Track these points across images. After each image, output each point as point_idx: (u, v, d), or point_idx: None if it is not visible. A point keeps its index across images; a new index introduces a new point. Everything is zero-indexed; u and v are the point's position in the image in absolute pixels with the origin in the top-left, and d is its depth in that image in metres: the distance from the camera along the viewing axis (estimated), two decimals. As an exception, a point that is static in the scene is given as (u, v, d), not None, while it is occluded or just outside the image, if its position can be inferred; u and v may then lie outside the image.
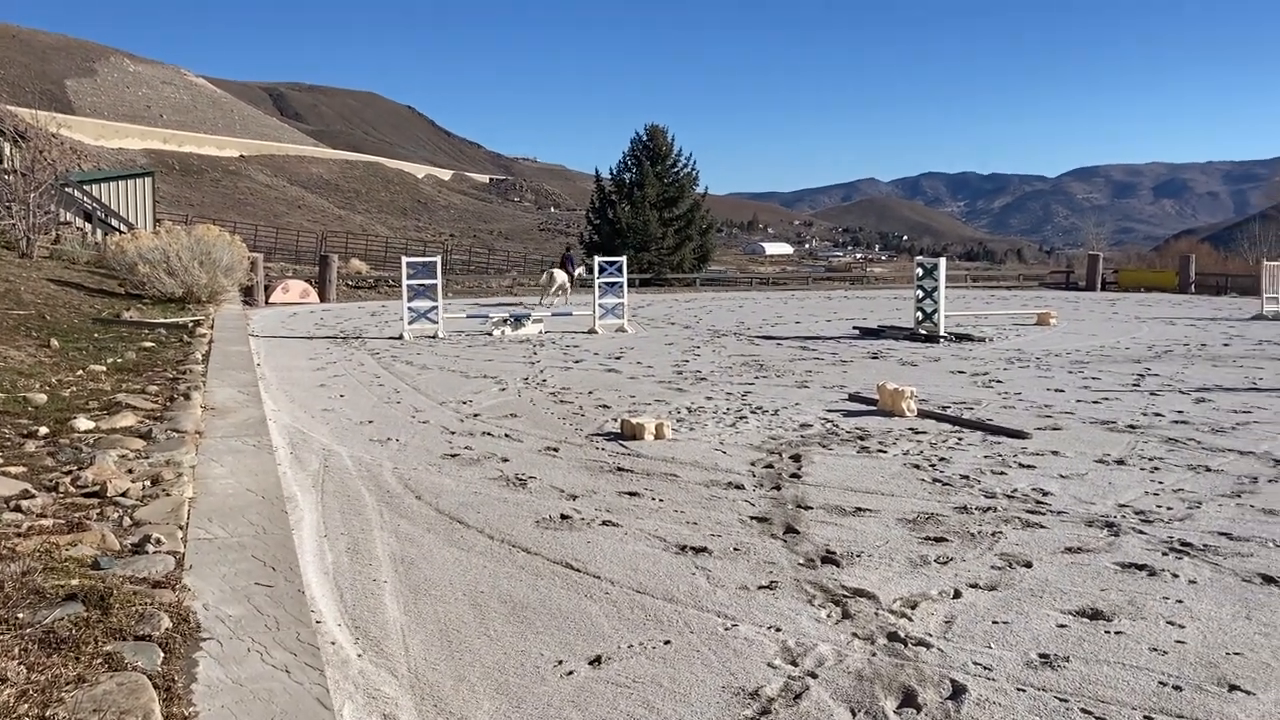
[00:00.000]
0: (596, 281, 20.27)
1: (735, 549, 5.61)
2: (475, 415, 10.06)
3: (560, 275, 27.79)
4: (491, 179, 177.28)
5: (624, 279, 20.57)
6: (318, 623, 4.43)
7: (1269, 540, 5.75)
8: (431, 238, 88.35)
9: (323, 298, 29.79)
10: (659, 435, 8.71)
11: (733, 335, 19.19)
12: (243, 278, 25.11)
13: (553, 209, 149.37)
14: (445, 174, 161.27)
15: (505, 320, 19.45)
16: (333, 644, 4.25)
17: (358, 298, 31.99)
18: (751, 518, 6.24)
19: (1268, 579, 5.09)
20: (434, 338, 18.24)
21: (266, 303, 27.62)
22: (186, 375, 11.01)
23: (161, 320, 17.15)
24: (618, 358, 15.24)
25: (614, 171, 48.03)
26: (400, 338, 18.14)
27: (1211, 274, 42.46)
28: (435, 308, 18.89)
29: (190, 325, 16.75)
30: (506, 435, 9.00)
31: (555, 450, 8.33)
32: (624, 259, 21.35)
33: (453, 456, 8.07)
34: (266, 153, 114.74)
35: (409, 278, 19.08)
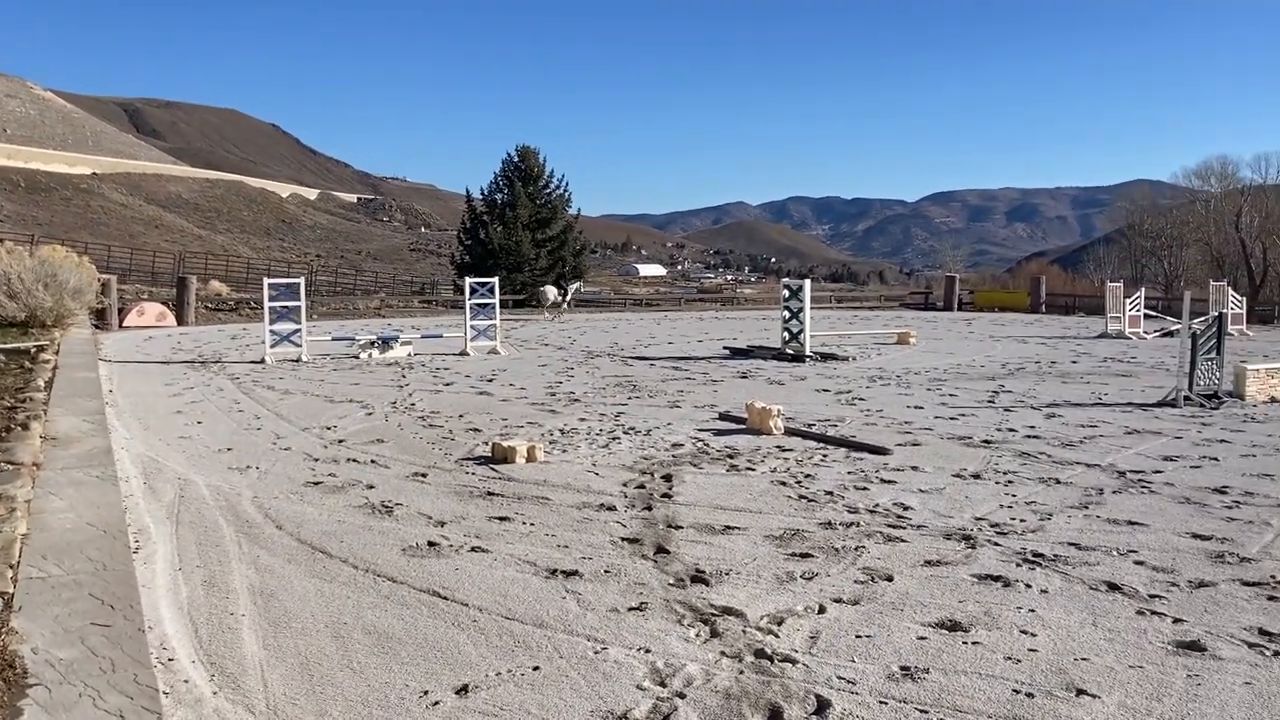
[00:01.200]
0: (468, 303, 20.06)
1: (606, 571, 5.59)
2: (340, 441, 9.82)
3: (552, 291, 29.13)
4: (360, 198, 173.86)
5: (496, 300, 20.42)
6: (170, 660, 4.24)
7: (1113, 549, 6.04)
8: (296, 258, 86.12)
9: (180, 321, 28.70)
10: (531, 458, 8.65)
11: (606, 356, 19.24)
12: (94, 301, 24.03)
13: (423, 229, 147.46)
14: (311, 193, 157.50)
15: (373, 342, 19.06)
16: (186, 682, 4.07)
17: (218, 321, 30.94)
18: (623, 539, 6.24)
19: (1112, 586, 5.33)
20: (298, 361, 17.75)
21: (120, 326, 26.47)
22: (25, 404, 10.43)
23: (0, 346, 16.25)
24: (490, 380, 15.11)
25: (485, 192, 47.70)
26: (262, 362, 17.59)
27: (1061, 294, 44.62)
28: (299, 330, 18.39)
29: (33, 351, 15.91)
30: (373, 461, 8.81)
31: (423, 476, 8.19)
32: (496, 280, 21.20)
33: (316, 484, 7.85)
34: (121, 170, 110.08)
35: (271, 300, 18.52)
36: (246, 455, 9.00)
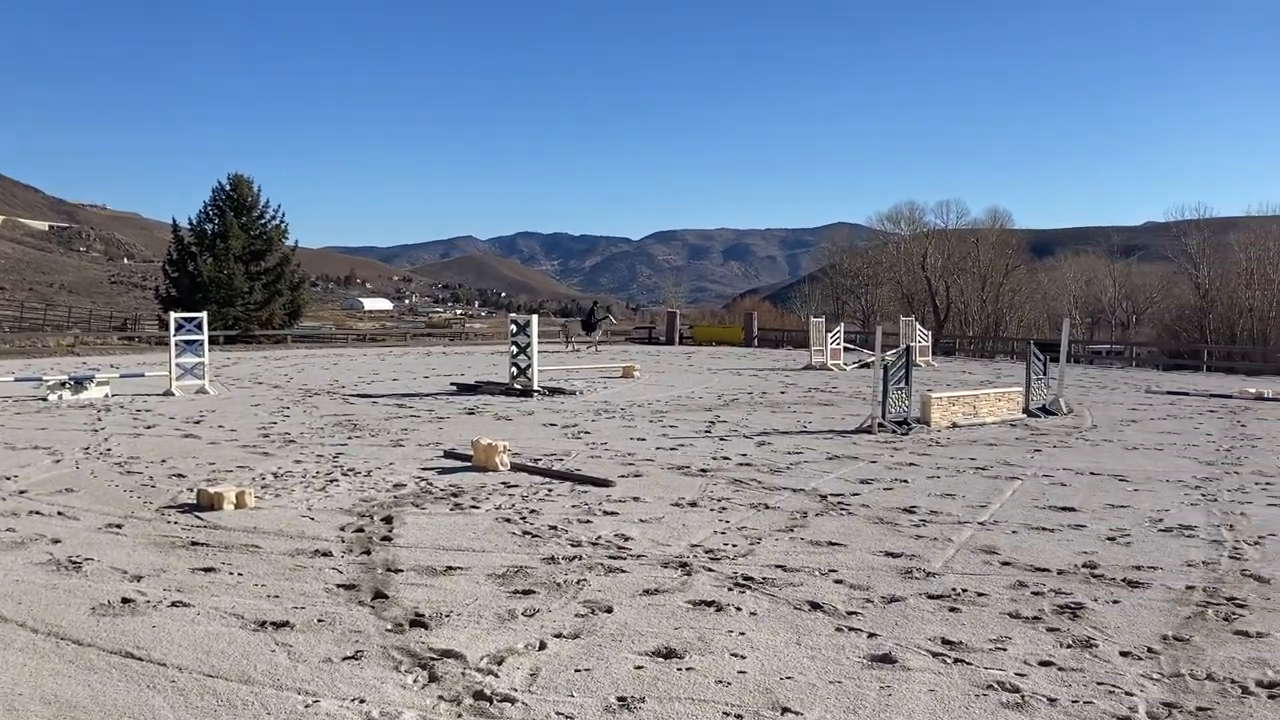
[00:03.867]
0: (173, 339, 18.82)
1: (320, 620, 5.37)
2: (21, 492, 8.92)
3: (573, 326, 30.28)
4: (52, 226, 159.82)
5: (205, 336, 19.27)
6: None
7: (815, 569, 6.42)
8: (-26, 291, 77.94)
9: None
10: (240, 504, 8.19)
11: (326, 394, 18.57)
12: None
13: (126, 260, 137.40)
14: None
15: (64, 383, 17.49)
16: None
17: (-124, 360, 27.46)
18: (339, 585, 6.01)
19: (814, 605, 5.66)
20: (-26, 405, 16.02)
21: None
22: None
23: None
24: (197, 421, 14.21)
25: (194, 222, 45.07)
26: (-70, 406, 15.75)
27: (771, 329, 47.29)
28: (-24, 371, 16.61)
29: None
30: (60, 513, 8.06)
31: (119, 527, 7.57)
32: (204, 315, 20.03)
33: (-9, 541, 7.08)
34: None
35: (-58, 337, 16.65)
36: (-95, 512, 8.01)
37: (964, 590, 6.01)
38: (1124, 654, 4.95)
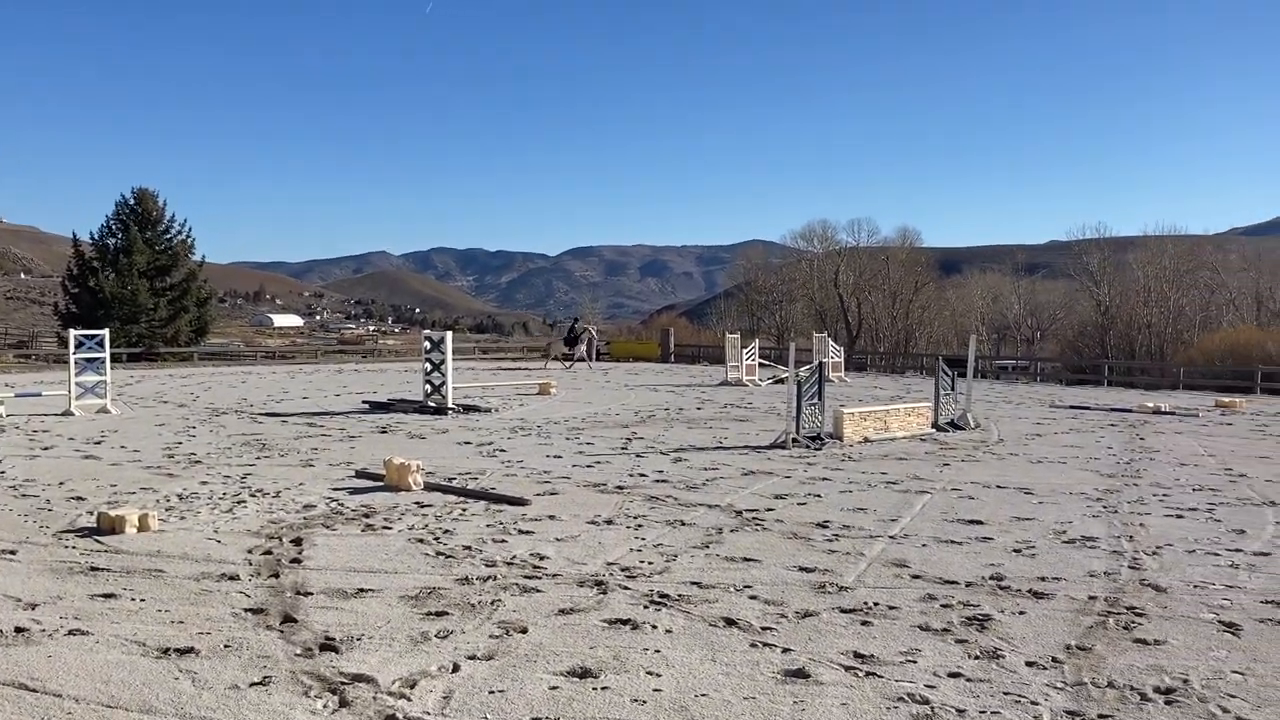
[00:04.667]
0: (72, 357, 18.21)
1: (226, 646, 5.22)
2: (-92, 518, 8.54)
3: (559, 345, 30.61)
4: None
5: (107, 354, 18.69)
6: None
7: (730, 585, 6.46)
8: None
9: None
10: (143, 527, 7.95)
11: (234, 413, 18.14)
12: None
13: (23, 275, 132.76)
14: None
15: (-45, 403, 16.81)
16: None
17: None
18: (246, 610, 5.87)
19: (729, 621, 5.69)
20: None
21: None
22: None
23: None
24: (98, 442, 13.76)
25: (96, 237, 43.78)
26: None
27: (688, 345, 47.57)
28: None
29: None
30: (-50, 539, 7.72)
31: (12, 553, 7.28)
32: (106, 332, 19.43)
33: (-126, 570, 6.76)
34: None
35: None
36: None
37: (875, 604, 6.10)
38: (1030, 664, 5.07)
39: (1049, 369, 44.10)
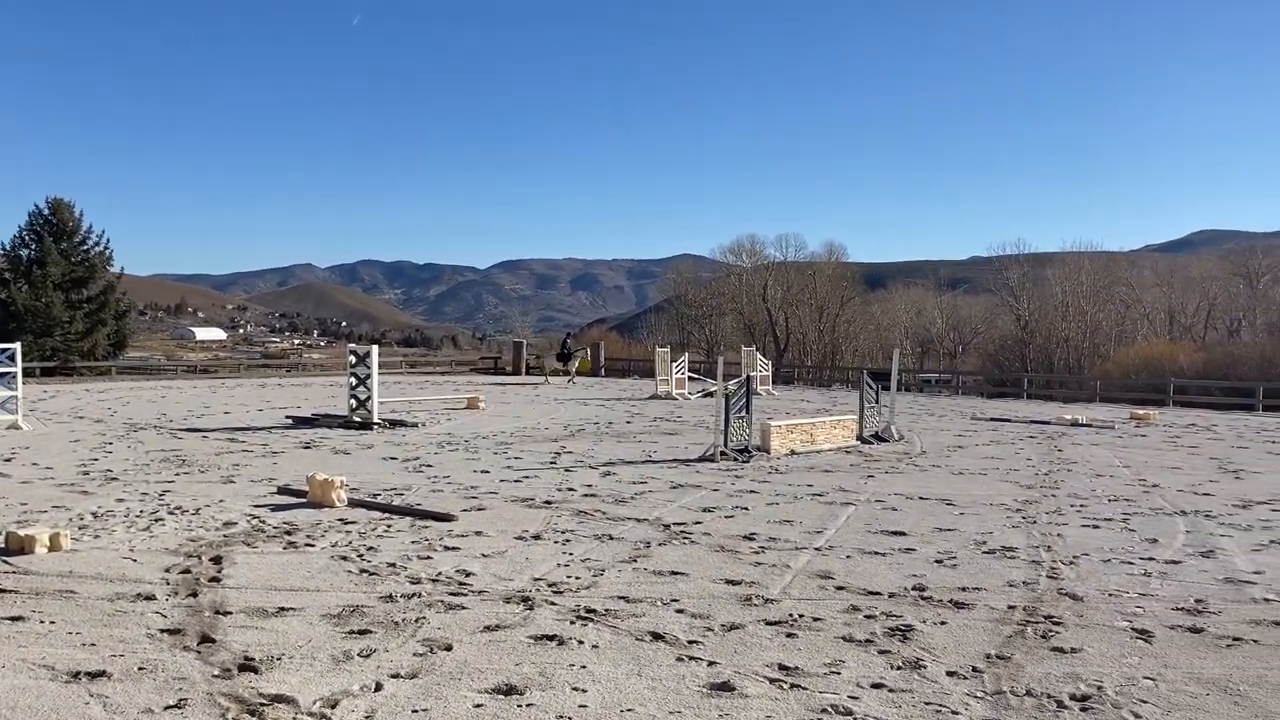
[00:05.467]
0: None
1: (140, 668, 5.09)
2: None
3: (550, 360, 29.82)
4: None
5: (18, 368, 18.12)
6: None
7: (658, 599, 6.46)
8: None
9: None
10: (55, 547, 7.71)
11: (153, 428, 17.70)
12: None
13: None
14: None
15: None
16: None
17: None
18: (162, 630, 5.72)
19: (656, 636, 5.69)
20: None
21: None
22: None
23: None
24: (8, 459, 13.33)
25: (8, 247, 42.44)
26: None
27: (619, 359, 47.64)
28: None
29: None
30: None
31: (-85, 575, 7.02)
32: (18, 346, 18.83)
33: None
34: None
35: None
36: None
37: (800, 616, 6.15)
38: (950, 673, 5.15)
39: (971, 382, 44.99)
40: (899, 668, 5.23)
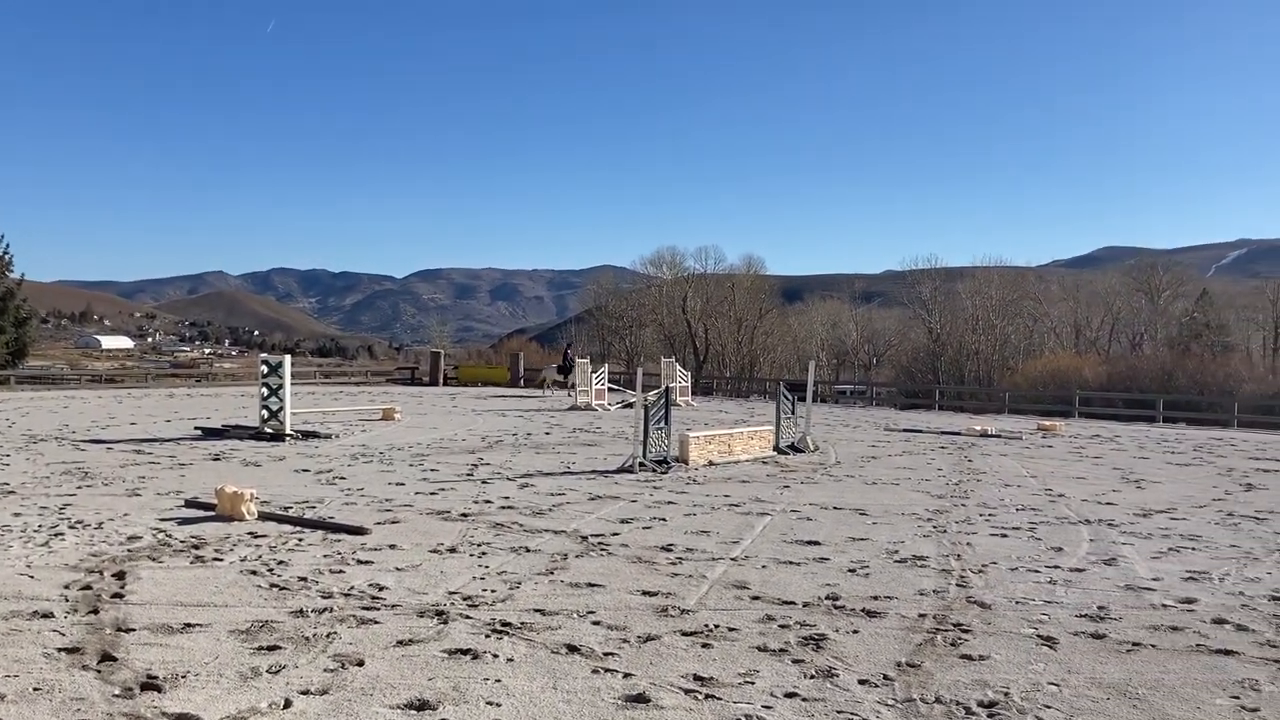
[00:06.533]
0: None
1: (36, 689, 4.91)
2: None
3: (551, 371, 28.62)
4: None
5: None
6: None
7: (574, 611, 6.44)
8: None
9: None
10: (-55, 563, 7.41)
11: (54, 440, 17.12)
12: None
13: None
14: None
15: None
16: None
17: None
18: (60, 649, 5.53)
19: (572, 648, 5.67)
20: None
21: None
22: None
23: None
24: (-103, 472, 12.78)
25: (-101, 252, 40.78)
26: None
27: (537, 369, 47.37)
28: None
29: None
30: None
31: None
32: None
33: None
34: None
35: None
36: None
37: (716, 626, 6.18)
38: (862, 682, 5.23)
39: (884, 393, 45.82)
40: (812, 677, 5.29)
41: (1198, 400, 34.45)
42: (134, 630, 5.91)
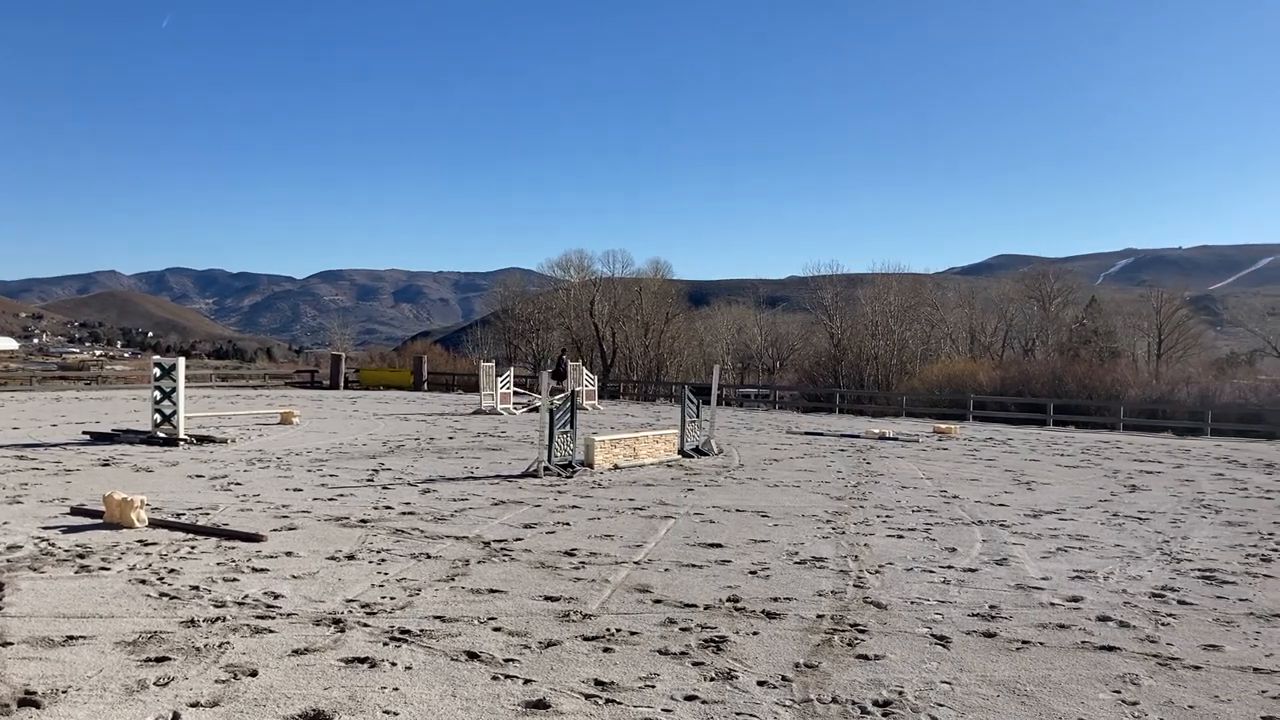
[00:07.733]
0: None
1: (-96, 708, 4.68)
2: None
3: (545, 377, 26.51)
4: None
5: None
6: None
7: (474, 618, 6.38)
8: None
9: None
10: None
11: (-72, 445, 16.35)
12: None
13: None
14: None
15: None
16: None
17: None
18: (-69, 666, 5.27)
19: (471, 655, 5.62)
20: None
21: None
22: None
23: None
24: None
25: None
26: None
27: (443, 373, 46.98)
28: None
29: None
30: None
31: None
32: None
33: None
34: None
35: None
36: None
37: (618, 630, 6.19)
38: (761, 683, 5.28)
39: (787, 397, 46.48)
40: (712, 679, 5.33)
41: (1086, 404, 35.66)
42: (11, 644, 5.68)
